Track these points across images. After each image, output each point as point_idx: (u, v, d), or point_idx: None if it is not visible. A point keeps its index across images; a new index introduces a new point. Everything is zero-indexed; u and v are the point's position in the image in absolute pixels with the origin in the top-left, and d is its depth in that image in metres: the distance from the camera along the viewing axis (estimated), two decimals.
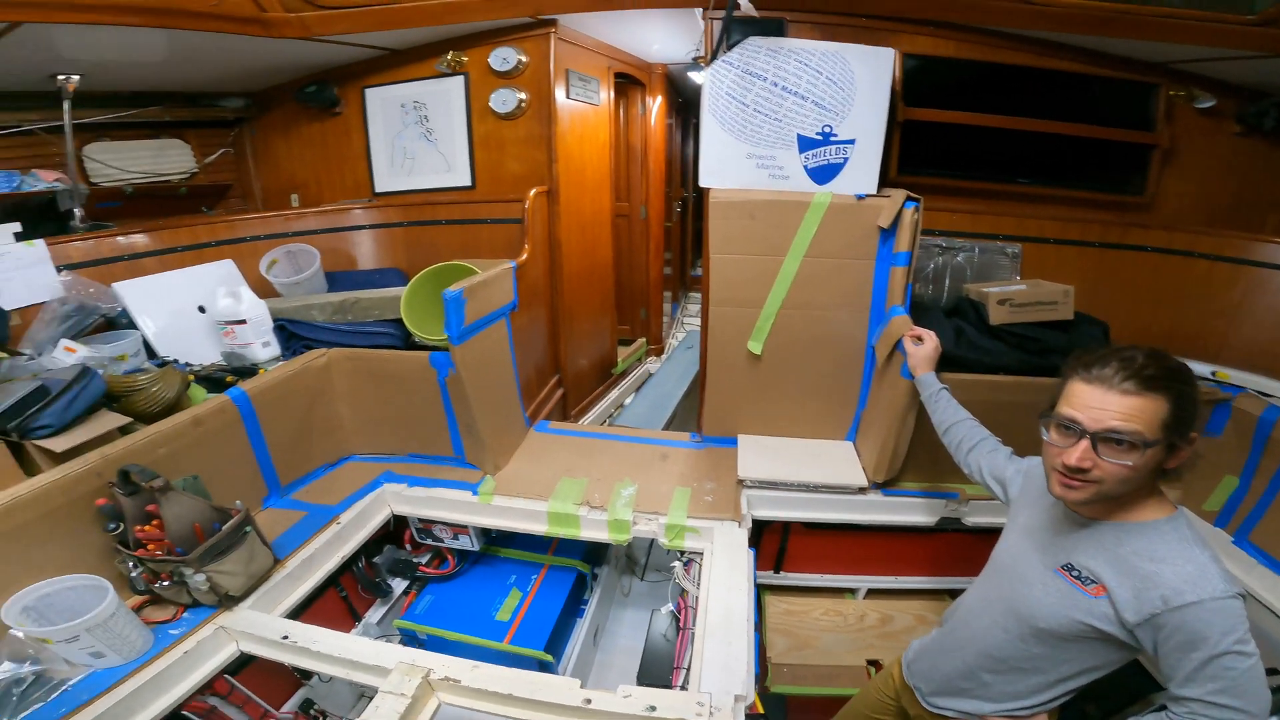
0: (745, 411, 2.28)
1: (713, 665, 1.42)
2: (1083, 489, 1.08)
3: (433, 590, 2.22)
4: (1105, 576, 1.11)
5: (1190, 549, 1.06)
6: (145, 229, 2.23)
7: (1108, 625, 1.11)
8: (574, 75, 2.72)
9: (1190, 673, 1.03)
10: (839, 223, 2.03)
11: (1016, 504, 1.39)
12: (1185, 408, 1.03)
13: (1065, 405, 1.09)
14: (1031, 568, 1.25)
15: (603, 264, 3.09)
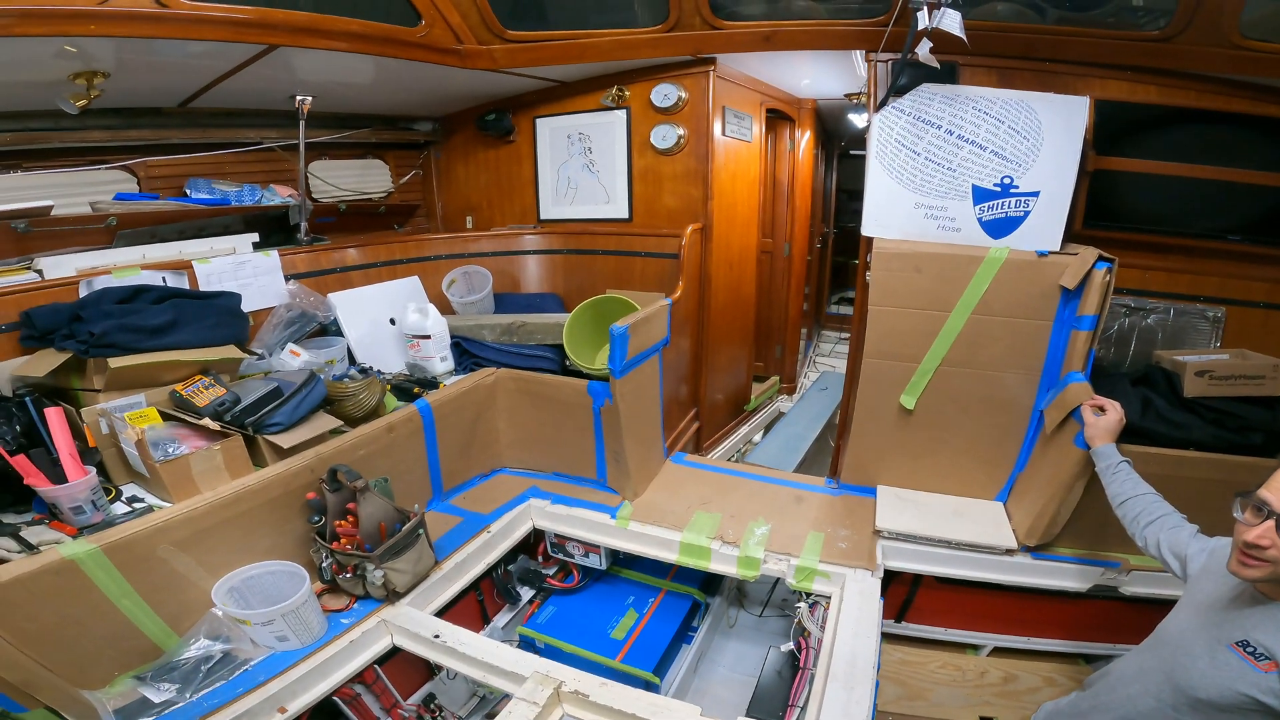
0: (888, 463, 2.22)
1: (833, 707, 1.42)
2: (1259, 567, 1.10)
3: (555, 602, 2.33)
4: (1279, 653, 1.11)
5: None
6: (355, 244, 2.53)
7: (1270, 699, 1.12)
8: (730, 112, 2.77)
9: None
10: (1015, 280, 1.93)
11: (1196, 580, 1.36)
12: None
13: (1266, 488, 1.10)
14: (1200, 642, 1.25)
15: (746, 300, 3.11)
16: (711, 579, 2.49)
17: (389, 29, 2.16)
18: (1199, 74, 2.08)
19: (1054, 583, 1.99)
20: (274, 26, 1.89)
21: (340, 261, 2.48)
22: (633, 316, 1.91)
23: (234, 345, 1.84)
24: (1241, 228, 2.27)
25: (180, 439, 1.57)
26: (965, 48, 1.81)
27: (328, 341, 2.20)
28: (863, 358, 2.08)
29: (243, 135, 2.61)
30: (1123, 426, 1.67)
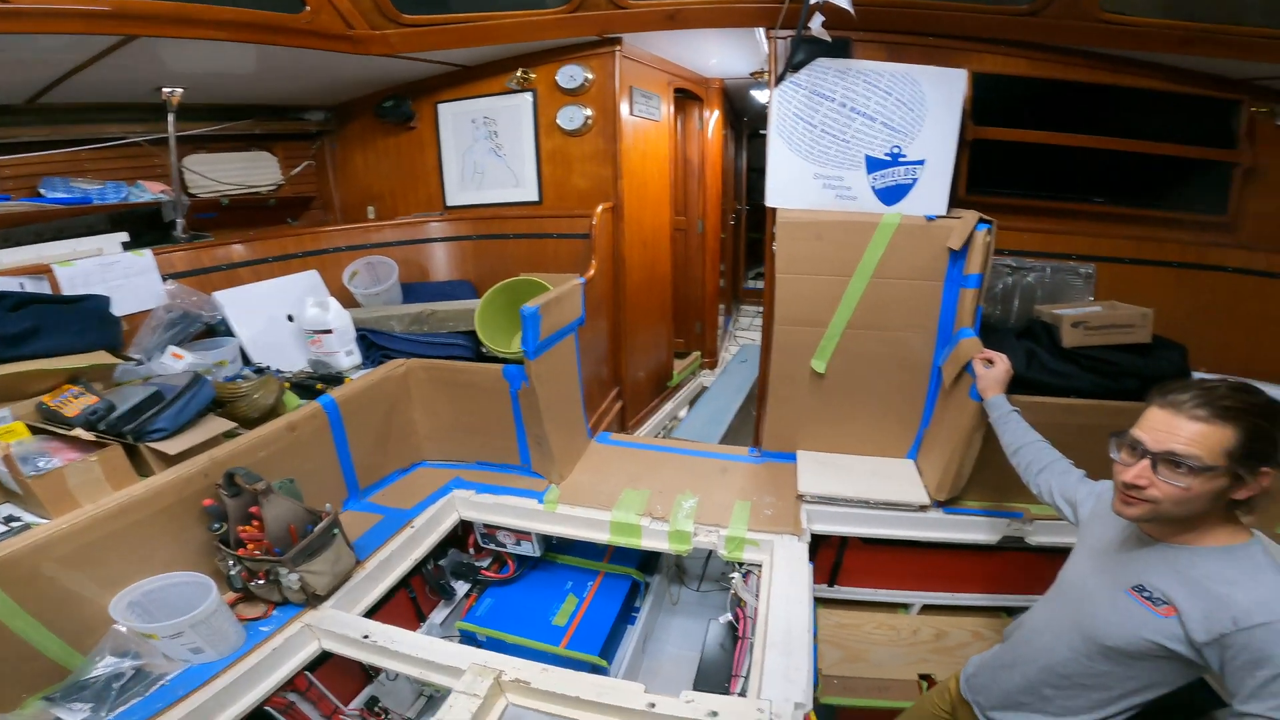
0: (805, 428, 2.31)
1: (773, 674, 1.46)
2: (1139, 506, 1.13)
3: (493, 593, 2.31)
4: (1176, 598, 1.13)
5: (1265, 574, 1.08)
6: (241, 240, 2.39)
7: (1176, 644, 1.13)
8: (637, 92, 2.79)
9: (1254, 690, 1.05)
10: (907, 244, 2.05)
11: (1087, 525, 1.41)
12: (1256, 442, 1.04)
13: (1137, 427, 1.14)
14: (1100, 588, 1.28)
15: (662, 278, 3.16)
16: (649, 558, 2.52)
17: (268, 16, 2.05)
18: (1065, 47, 2.26)
19: (967, 536, 2.11)
20: (133, 16, 1.76)
21: (226, 258, 2.33)
22: (544, 296, 1.90)
23: (105, 351, 1.72)
24: (1105, 191, 2.52)
25: (52, 452, 1.47)
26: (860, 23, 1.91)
27: (217, 342, 2.07)
28: (774, 325, 2.16)
29: (105, 130, 2.43)
30: (1011, 377, 1.78)
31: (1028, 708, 1.43)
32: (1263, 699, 1.05)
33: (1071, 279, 2.40)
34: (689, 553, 2.05)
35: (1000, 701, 1.49)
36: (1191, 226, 2.53)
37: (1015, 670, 1.45)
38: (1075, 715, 1.35)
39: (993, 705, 1.51)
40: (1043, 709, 1.40)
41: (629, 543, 2.07)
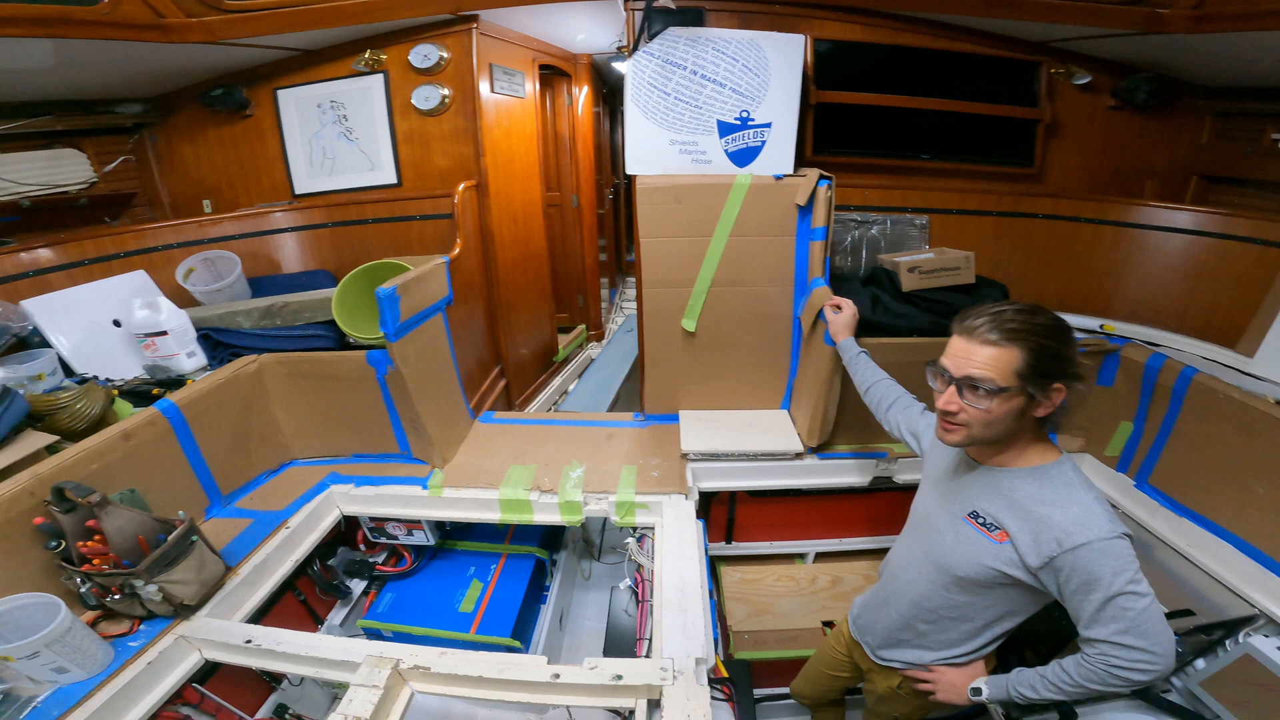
0: (685, 388, 2.41)
1: (672, 632, 1.49)
2: (954, 431, 1.20)
3: (393, 588, 2.25)
4: (1006, 522, 1.19)
5: (1075, 491, 1.15)
6: (48, 243, 2.14)
7: (1015, 570, 1.19)
8: (498, 69, 2.76)
9: (1093, 614, 1.11)
10: (760, 202, 2.16)
11: (929, 455, 1.49)
12: (1043, 360, 1.10)
13: (944, 355, 1.20)
14: (943, 518, 1.34)
15: (537, 254, 3.16)
16: (553, 535, 2.53)
17: (57, 9, 1.86)
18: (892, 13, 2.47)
19: (841, 480, 2.26)
20: None
21: (32, 264, 2.08)
22: (402, 276, 1.85)
23: None
24: (934, 148, 2.79)
25: None
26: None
27: (30, 355, 1.85)
28: (642, 288, 2.23)
29: None
30: (857, 320, 1.91)
31: (908, 644, 1.50)
32: (1104, 624, 1.11)
33: (909, 230, 2.64)
34: (581, 522, 2.08)
35: (884, 640, 1.56)
36: (1007, 179, 2.86)
37: (890, 608, 1.52)
38: (950, 648, 1.43)
39: (879, 644, 1.58)
40: (920, 644, 1.48)
41: (521, 519, 2.07)
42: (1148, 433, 2.09)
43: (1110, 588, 1.07)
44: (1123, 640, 1.09)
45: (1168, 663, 1.10)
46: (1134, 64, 2.74)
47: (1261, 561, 1.77)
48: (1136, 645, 1.08)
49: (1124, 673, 1.11)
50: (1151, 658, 1.09)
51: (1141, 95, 2.75)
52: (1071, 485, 1.16)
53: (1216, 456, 1.87)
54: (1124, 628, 1.08)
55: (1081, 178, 2.90)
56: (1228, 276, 2.50)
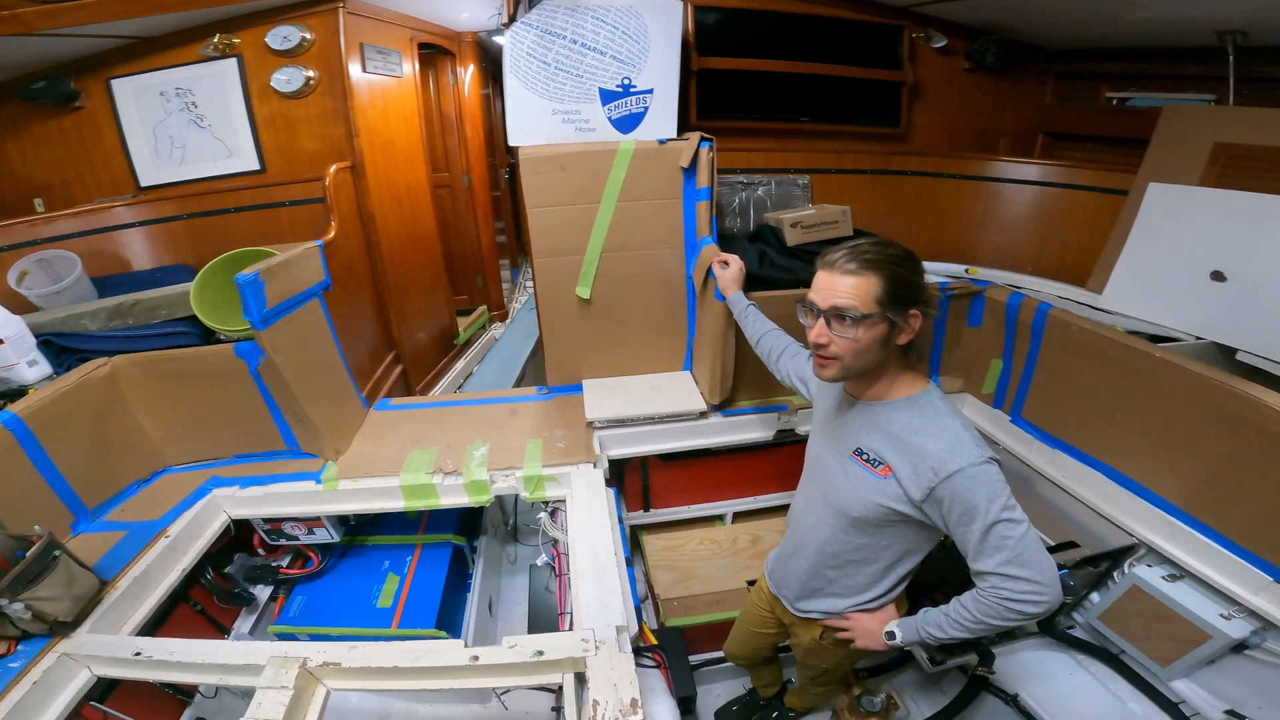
0: (587, 357, 2.40)
1: (590, 603, 1.49)
2: (828, 365, 1.24)
3: (303, 591, 2.15)
4: (888, 456, 1.24)
5: (944, 419, 1.20)
6: None
7: (902, 505, 1.23)
8: (371, 49, 2.64)
9: (977, 546, 1.15)
10: (645, 167, 2.18)
11: (816, 400, 1.53)
12: (899, 286, 1.16)
13: (810, 291, 1.24)
14: (832, 457, 1.37)
15: (426, 235, 3.05)
16: (470, 522, 2.47)
17: None
18: None
19: (746, 436, 2.32)
20: None
21: None
22: (265, 262, 1.74)
23: None
24: (812, 111, 2.91)
25: None
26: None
27: None
28: (533, 259, 2.20)
29: None
30: (744, 275, 1.96)
31: (820, 592, 1.53)
32: (989, 555, 1.14)
33: (793, 190, 2.75)
34: (490, 501, 2.04)
35: (798, 591, 1.59)
36: (878, 139, 3.03)
37: (799, 557, 1.55)
38: (860, 593, 1.46)
39: (795, 596, 1.61)
40: (832, 592, 1.51)
41: (427, 504, 2.01)
42: (1016, 368, 2.25)
43: (988, 515, 1.11)
44: (1008, 571, 1.13)
45: (1054, 592, 1.13)
46: (982, 27, 2.95)
47: (1132, 489, 1.91)
48: (1021, 575, 1.12)
49: (1017, 605, 1.14)
50: (1038, 588, 1.12)
51: (990, 58, 2.98)
52: (940, 413, 1.22)
53: (1078, 387, 2.03)
54: (1007, 558, 1.12)
55: (943, 137, 3.11)
56: (1074, 222, 2.75)
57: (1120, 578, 2.00)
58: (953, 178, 2.99)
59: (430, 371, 2.97)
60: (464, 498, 2.02)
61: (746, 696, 2.42)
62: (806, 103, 2.88)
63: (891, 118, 3.01)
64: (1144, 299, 2.34)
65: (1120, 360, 1.88)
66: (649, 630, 1.75)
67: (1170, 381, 1.75)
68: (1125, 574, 1.96)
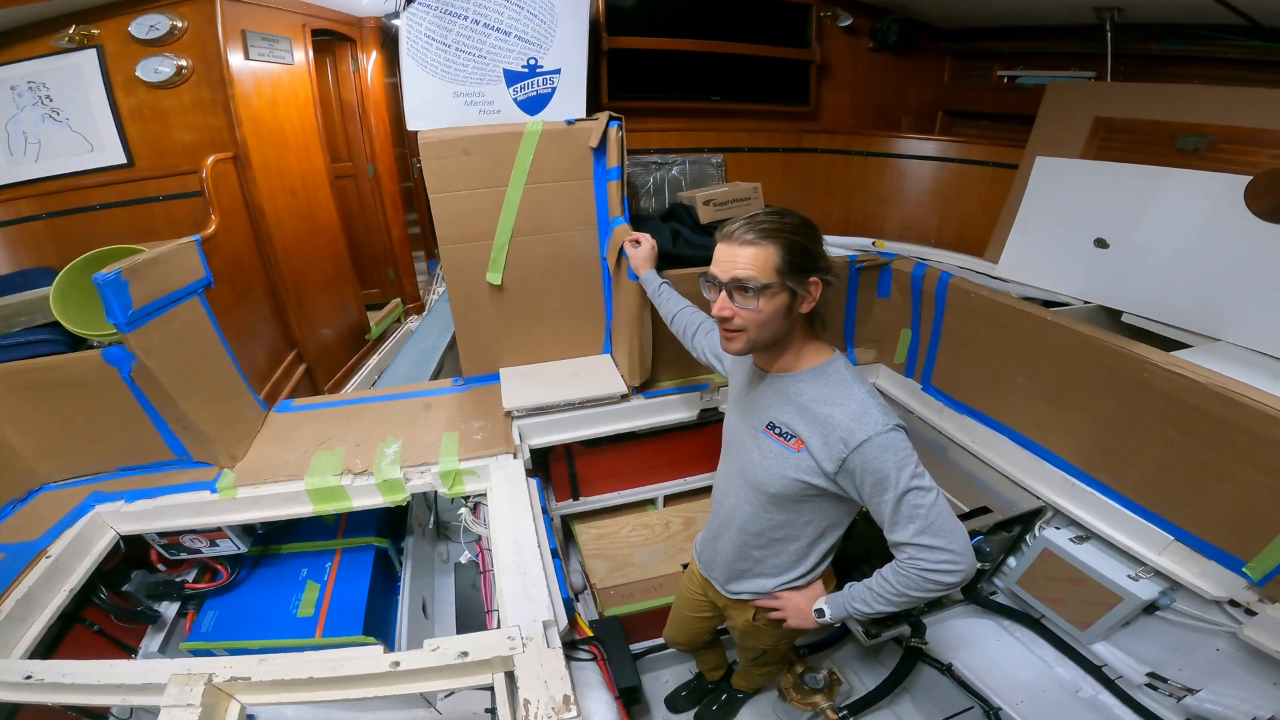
0: (503, 345, 2.34)
1: (515, 599, 1.45)
2: (735, 339, 1.22)
3: (214, 605, 2.03)
4: (799, 429, 1.23)
5: (849, 387, 1.20)
6: None
7: (817, 479, 1.22)
8: (254, 36, 2.47)
9: (891, 517, 1.15)
10: (554, 148, 2.12)
11: (731, 375, 1.52)
12: (797, 254, 1.15)
13: (711, 264, 1.23)
14: (747, 433, 1.36)
15: (327, 227, 2.89)
16: (393, 522, 2.38)
17: None
18: None
19: (671, 417, 2.31)
20: None
21: None
22: (130, 259, 1.59)
23: None
24: (724, 91, 2.91)
25: None
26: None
27: None
28: (439, 246, 2.12)
29: None
30: (656, 253, 1.95)
31: (749, 573, 1.52)
32: (903, 525, 1.15)
33: (707, 169, 2.75)
34: (406, 501, 1.96)
35: (727, 573, 1.57)
36: (789, 117, 3.07)
37: (724, 538, 1.52)
38: (787, 572, 1.46)
39: (725, 579, 1.59)
40: (760, 572, 1.50)
41: (338, 507, 1.91)
42: (923, 337, 2.33)
43: (898, 484, 1.12)
44: (922, 541, 1.14)
45: (968, 561, 1.15)
46: (885, 6, 3.02)
47: (1035, 451, 1.99)
48: (936, 545, 1.13)
49: (934, 575, 1.15)
50: (953, 557, 1.13)
51: (893, 37, 3.06)
52: (846, 381, 1.22)
53: (981, 352, 2.11)
54: (921, 527, 1.13)
55: (850, 115, 3.18)
56: (970, 195, 2.87)
57: (1032, 541, 2.08)
58: (860, 155, 3.07)
59: (340, 370, 2.82)
60: (378, 498, 1.94)
61: (694, 681, 2.43)
62: (719, 82, 2.89)
63: (801, 96, 3.05)
64: (1035, 267, 2.46)
65: (1015, 325, 1.96)
66: (584, 622, 1.71)
67: (1062, 344, 1.84)
68: (1037, 538, 2.05)
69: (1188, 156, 2.24)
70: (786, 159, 3.02)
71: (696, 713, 2.37)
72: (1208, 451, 1.54)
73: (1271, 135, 2.07)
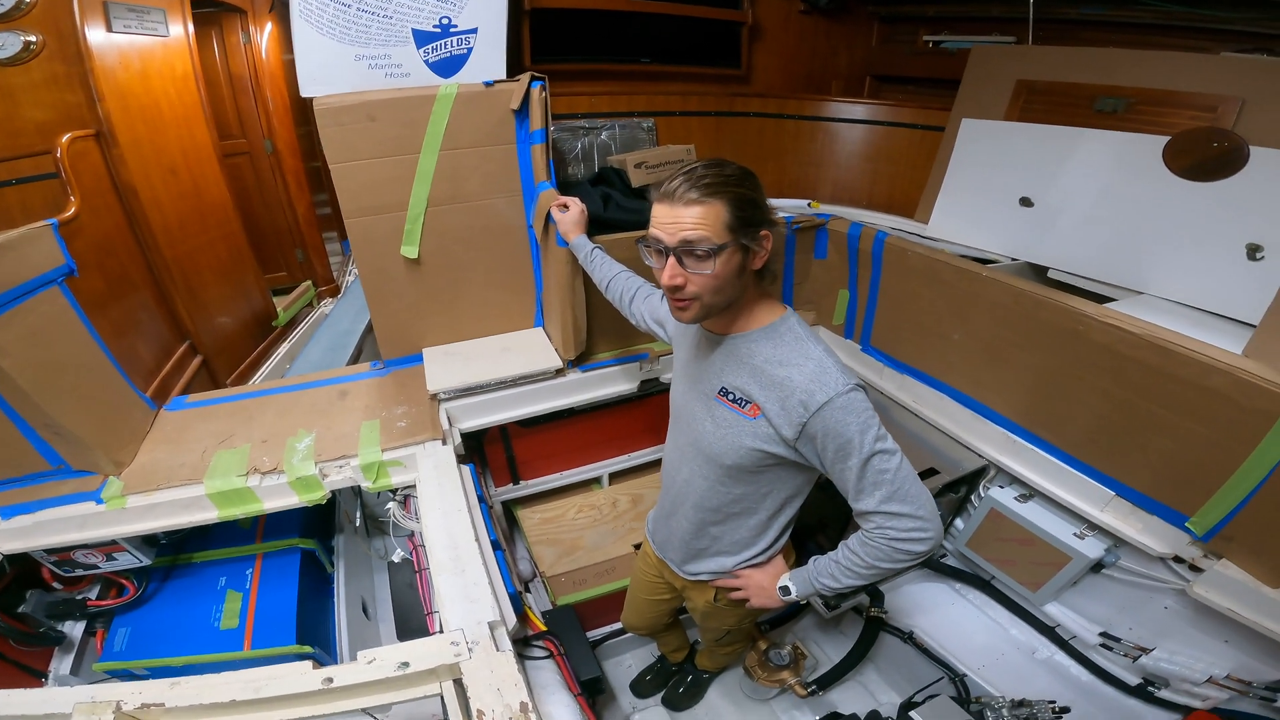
0: (425, 323, 2.17)
1: (455, 599, 1.33)
2: (688, 307, 1.12)
3: (126, 622, 1.83)
4: (754, 393, 1.16)
5: (806, 346, 1.14)
6: None
7: (776, 446, 1.16)
8: (119, 9, 2.21)
9: (856, 484, 1.10)
10: (472, 112, 1.96)
11: (675, 341, 1.43)
12: (745, 207, 1.07)
13: (652, 227, 1.11)
14: (698, 401, 1.28)
15: (218, 207, 2.62)
16: (318, 521, 2.20)
17: None
18: None
19: (611, 390, 2.20)
20: None
21: None
22: None
23: None
24: (652, 53, 2.79)
25: None
26: None
27: None
28: (344, 220, 1.92)
29: None
30: (586, 217, 1.83)
31: (707, 552, 1.45)
32: (869, 492, 1.09)
33: (638, 133, 2.63)
34: (326, 498, 1.79)
35: (684, 554, 1.49)
36: (720, 80, 3.00)
37: (679, 516, 1.45)
38: (747, 548, 1.39)
39: (682, 559, 1.51)
40: (719, 550, 1.42)
41: (248, 511, 1.73)
42: (861, 297, 2.30)
43: (862, 448, 1.07)
44: (890, 508, 1.09)
45: (937, 527, 1.11)
46: None
47: (975, 409, 1.98)
48: (904, 511, 1.08)
49: (904, 544, 1.11)
50: (921, 524, 1.09)
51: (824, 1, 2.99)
52: (801, 340, 1.15)
53: (918, 310, 2.09)
54: (888, 494, 1.09)
55: (782, 78, 3.13)
56: (900, 158, 2.89)
57: (979, 502, 2.09)
58: (792, 118, 3.03)
59: (244, 361, 2.57)
60: (293, 498, 1.76)
61: (657, 664, 2.36)
62: (649, 44, 2.79)
63: (733, 59, 2.98)
64: (964, 226, 2.48)
65: (952, 282, 1.95)
66: (535, 616, 1.60)
67: (998, 299, 1.83)
68: (983, 498, 2.05)
69: (1106, 118, 2.29)
70: (719, 122, 2.94)
71: (664, 696, 2.31)
72: (1144, 403, 1.55)
73: (1186, 97, 2.13)
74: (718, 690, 2.34)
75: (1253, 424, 1.35)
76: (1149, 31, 2.43)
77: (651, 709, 2.33)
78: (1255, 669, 1.60)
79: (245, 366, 2.54)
